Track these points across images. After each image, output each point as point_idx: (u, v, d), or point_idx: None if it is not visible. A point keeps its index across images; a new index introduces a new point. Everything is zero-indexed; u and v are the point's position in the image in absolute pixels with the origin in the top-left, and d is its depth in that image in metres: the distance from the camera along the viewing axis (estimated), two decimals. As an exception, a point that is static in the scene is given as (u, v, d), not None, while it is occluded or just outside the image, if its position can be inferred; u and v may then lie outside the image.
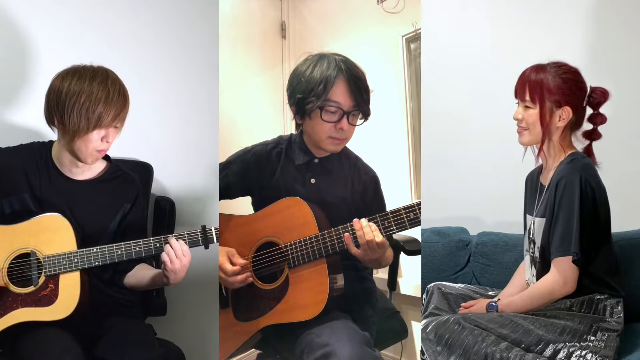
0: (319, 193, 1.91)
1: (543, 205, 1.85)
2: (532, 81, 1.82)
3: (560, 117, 1.81)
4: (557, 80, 1.80)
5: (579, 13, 2.42)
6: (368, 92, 1.85)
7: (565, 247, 1.75)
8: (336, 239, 1.73)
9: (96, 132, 1.80)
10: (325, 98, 1.79)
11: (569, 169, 1.79)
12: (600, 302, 1.79)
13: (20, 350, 1.73)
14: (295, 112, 1.88)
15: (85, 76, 1.79)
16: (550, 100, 1.80)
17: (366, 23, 2.92)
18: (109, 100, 1.77)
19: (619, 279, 1.84)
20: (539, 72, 1.82)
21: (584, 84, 1.84)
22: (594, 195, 1.76)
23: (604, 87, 1.84)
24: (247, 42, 3.14)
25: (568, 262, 1.75)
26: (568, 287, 1.77)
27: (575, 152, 1.85)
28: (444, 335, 1.76)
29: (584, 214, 1.74)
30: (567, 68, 1.83)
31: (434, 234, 2.39)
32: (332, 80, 1.79)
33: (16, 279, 1.81)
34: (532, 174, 2.01)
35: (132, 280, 1.95)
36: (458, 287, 2.09)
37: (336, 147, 1.88)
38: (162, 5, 2.42)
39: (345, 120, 1.82)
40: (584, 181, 1.74)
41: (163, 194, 2.34)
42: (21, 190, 1.88)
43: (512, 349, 1.72)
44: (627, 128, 2.39)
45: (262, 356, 2.06)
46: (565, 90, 1.80)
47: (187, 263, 1.80)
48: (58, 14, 2.26)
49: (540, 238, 1.84)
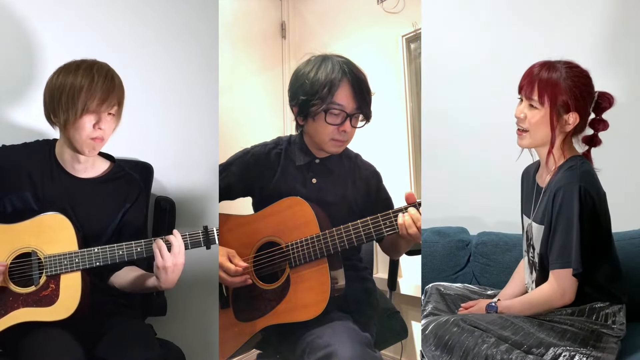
0: (320, 193, 1.91)
1: (541, 211, 1.80)
2: (543, 80, 1.72)
3: (567, 122, 1.73)
4: (568, 82, 1.71)
5: (583, 13, 2.42)
6: (370, 94, 1.86)
7: (564, 259, 1.71)
8: (337, 238, 1.73)
9: (87, 119, 1.80)
10: (330, 101, 1.79)
11: (568, 177, 1.72)
12: (602, 310, 1.76)
13: (21, 351, 1.73)
14: (298, 113, 1.89)
15: (71, 68, 1.82)
16: (560, 104, 1.72)
17: (366, 23, 2.92)
18: (93, 85, 1.78)
19: (620, 285, 1.80)
20: (550, 70, 1.73)
21: (593, 89, 1.76)
22: (594, 206, 1.69)
23: (610, 93, 1.77)
24: (247, 42, 3.15)
25: (567, 275, 1.71)
26: (566, 299, 1.74)
27: (574, 156, 1.78)
28: (444, 336, 1.75)
29: (584, 225, 1.68)
30: (579, 70, 1.74)
31: (434, 234, 2.39)
32: (337, 83, 1.79)
33: (17, 278, 1.81)
34: (527, 171, 1.96)
35: (116, 280, 1.94)
36: (456, 287, 2.08)
37: (338, 148, 1.89)
38: (162, 6, 2.42)
39: (348, 122, 1.83)
40: (583, 191, 1.67)
41: (163, 194, 2.33)
42: (24, 188, 1.88)
43: (512, 351, 1.70)
44: (628, 128, 2.39)
45: (263, 356, 2.06)
46: (577, 94, 1.71)
47: (179, 264, 1.77)
48: (59, 13, 2.26)
49: (540, 245, 1.81)
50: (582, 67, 1.75)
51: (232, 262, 1.82)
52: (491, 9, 2.53)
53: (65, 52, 2.01)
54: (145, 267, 1.97)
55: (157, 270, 1.76)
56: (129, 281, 1.90)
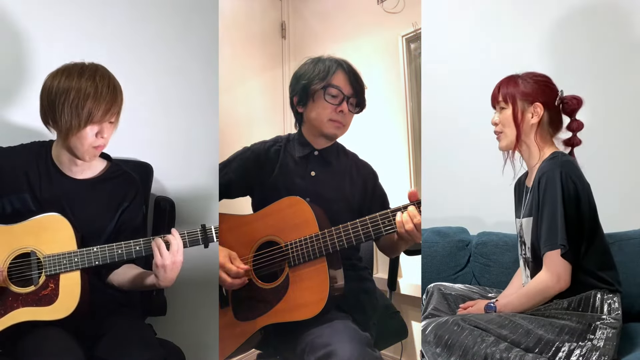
0: (319, 186, 1.93)
1: (528, 205, 1.87)
2: (504, 82, 1.92)
3: (533, 114, 1.87)
4: (528, 81, 1.89)
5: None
6: (363, 86, 1.96)
7: (552, 240, 1.76)
8: (336, 238, 1.74)
9: (89, 129, 1.80)
10: (328, 81, 1.91)
11: (550, 165, 1.82)
12: (597, 299, 1.78)
13: (20, 350, 1.73)
14: (299, 100, 1.96)
15: (73, 73, 1.79)
16: (522, 99, 1.87)
17: (366, 23, 2.92)
18: (98, 95, 1.77)
19: (614, 273, 1.84)
20: (511, 78, 1.92)
21: (554, 86, 1.91)
22: (576, 189, 1.78)
23: (578, 95, 1.90)
24: (247, 42, 3.14)
25: (557, 257, 1.76)
26: (562, 283, 1.77)
27: (556, 151, 1.89)
28: (444, 336, 1.76)
29: (567, 207, 1.76)
30: (537, 73, 1.92)
31: (434, 234, 2.39)
32: (333, 69, 1.93)
33: (16, 278, 1.81)
34: (519, 181, 2.03)
35: (115, 278, 1.94)
36: (458, 287, 2.09)
37: (337, 130, 1.94)
38: (162, 6, 2.42)
39: (345, 104, 1.91)
40: (564, 175, 1.77)
41: (163, 194, 2.33)
42: (21, 190, 1.88)
43: (511, 349, 1.71)
44: (629, 128, 2.40)
45: (262, 356, 2.06)
46: (536, 88, 1.88)
47: (178, 262, 1.77)
48: (58, 13, 2.26)
49: (530, 237, 1.86)
50: (540, 72, 1.92)
51: (233, 263, 1.82)
52: (491, 9, 2.52)
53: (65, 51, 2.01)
54: (142, 264, 1.97)
55: (156, 269, 1.77)
56: (128, 279, 1.90)
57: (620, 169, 2.40)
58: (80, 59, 1.85)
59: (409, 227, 1.67)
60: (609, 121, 2.39)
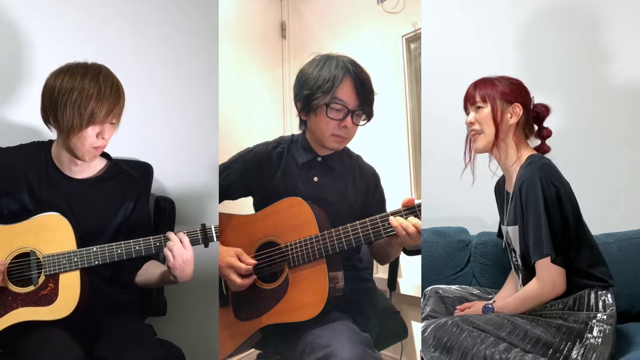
0: (321, 191, 1.91)
1: (512, 213, 1.86)
2: (480, 83, 1.91)
3: (512, 114, 1.86)
4: (504, 82, 1.89)
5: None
6: (372, 94, 1.88)
7: (539, 249, 1.75)
8: (336, 239, 1.73)
9: (91, 129, 1.80)
10: (332, 95, 1.81)
11: (528, 171, 1.80)
12: (592, 297, 1.78)
13: (20, 350, 1.73)
14: (301, 108, 1.90)
15: (77, 73, 1.79)
16: (501, 99, 1.87)
17: (366, 23, 2.92)
18: (101, 96, 1.77)
19: (604, 269, 1.84)
20: (486, 79, 1.91)
21: (527, 90, 1.91)
22: (558, 193, 1.77)
23: (545, 103, 1.91)
24: (247, 42, 3.15)
25: (549, 264, 1.75)
26: (558, 289, 1.77)
27: (532, 154, 1.87)
28: (443, 337, 1.77)
29: (551, 213, 1.75)
30: (511, 77, 1.91)
31: (434, 234, 2.39)
32: (339, 78, 1.82)
33: (16, 278, 1.81)
34: (498, 184, 2.03)
35: (142, 279, 1.95)
36: (455, 289, 2.09)
37: (339, 144, 1.90)
38: (162, 5, 2.42)
39: (349, 118, 1.84)
40: (544, 181, 1.76)
41: (163, 194, 2.33)
42: (20, 190, 1.88)
43: (511, 350, 1.72)
44: (630, 128, 2.39)
45: (262, 356, 2.06)
46: (514, 89, 1.88)
47: (189, 258, 1.79)
48: (58, 12, 2.26)
49: (519, 246, 1.85)
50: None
51: (241, 260, 1.81)
52: (491, 8, 2.52)
53: (64, 50, 2.02)
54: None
55: (171, 270, 1.79)
56: (156, 277, 1.91)
57: (619, 168, 2.40)
58: (80, 58, 1.85)
59: (410, 230, 1.66)
60: (607, 121, 2.40)
